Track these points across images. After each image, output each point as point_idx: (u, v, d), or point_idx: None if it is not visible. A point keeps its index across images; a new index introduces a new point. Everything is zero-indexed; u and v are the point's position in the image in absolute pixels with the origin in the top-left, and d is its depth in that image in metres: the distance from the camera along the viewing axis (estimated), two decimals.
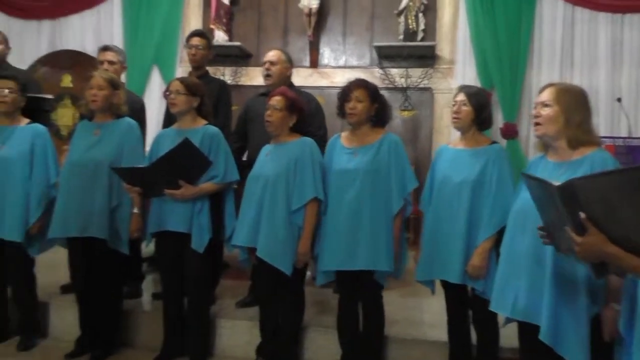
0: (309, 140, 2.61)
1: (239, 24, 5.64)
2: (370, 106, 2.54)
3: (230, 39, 5.52)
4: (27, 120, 2.98)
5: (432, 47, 5.06)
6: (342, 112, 2.59)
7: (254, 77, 5.58)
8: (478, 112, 2.41)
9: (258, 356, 2.74)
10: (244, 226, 2.56)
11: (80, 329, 2.86)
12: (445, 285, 2.46)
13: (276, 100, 2.59)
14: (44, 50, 5.89)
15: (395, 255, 2.48)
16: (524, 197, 1.81)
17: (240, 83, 5.49)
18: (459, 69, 5.10)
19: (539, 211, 1.59)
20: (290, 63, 3.23)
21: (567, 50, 4.91)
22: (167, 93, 2.72)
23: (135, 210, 2.73)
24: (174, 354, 2.79)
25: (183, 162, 2.53)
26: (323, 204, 2.54)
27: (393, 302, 2.57)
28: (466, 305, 2.47)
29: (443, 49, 5.17)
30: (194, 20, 5.75)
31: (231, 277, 3.58)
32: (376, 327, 2.59)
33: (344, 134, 2.66)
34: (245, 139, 3.21)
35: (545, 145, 1.97)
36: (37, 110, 3.19)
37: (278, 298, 2.65)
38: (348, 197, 2.47)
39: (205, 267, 2.69)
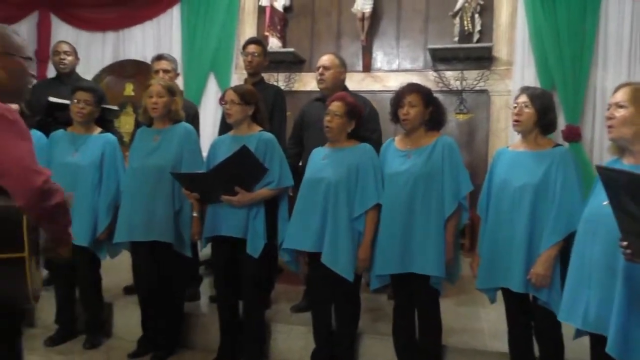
0: (369, 146, 2.61)
1: (293, 30, 5.70)
2: (424, 110, 2.51)
3: (284, 45, 5.59)
4: (99, 130, 3.12)
5: (489, 48, 4.93)
6: (395, 118, 2.57)
7: (307, 82, 5.63)
8: (541, 114, 2.32)
9: None
10: (306, 231, 2.55)
11: (142, 330, 2.95)
12: (506, 293, 2.38)
13: (336, 106, 2.59)
14: (108, 60, 6.19)
15: (448, 260, 2.43)
16: (595, 204, 1.73)
17: (293, 89, 5.54)
18: (517, 70, 4.94)
19: (615, 214, 1.50)
20: (344, 67, 3.23)
21: (636, 48, 4.65)
22: (223, 102, 2.77)
23: (195, 214, 2.80)
24: (230, 357, 2.83)
25: (240, 169, 2.57)
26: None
27: (448, 310, 2.51)
28: (528, 315, 2.38)
29: (500, 50, 5.03)
30: (248, 28, 5.86)
31: (285, 281, 3.60)
32: (433, 335, 2.53)
33: (397, 137, 2.63)
34: (302, 144, 3.23)
35: (620, 149, 1.86)
36: (102, 119, 3.34)
37: (332, 304, 2.65)
38: (400, 200, 2.44)
39: (260, 271, 2.72)
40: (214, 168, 2.61)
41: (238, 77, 5.93)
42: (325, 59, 3.16)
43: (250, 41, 3.53)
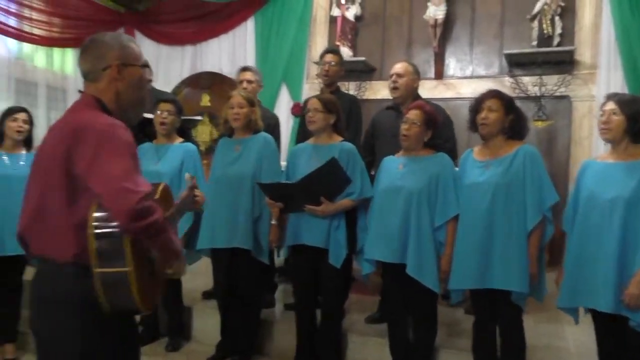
0: (447, 156, 2.58)
1: (363, 38, 5.71)
2: (503, 117, 2.43)
3: (355, 54, 5.60)
4: (180, 139, 3.26)
5: (571, 52, 4.70)
6: (473, 124, 2.50)
7: (378, 90, 5.61)
8: (632, 122, 2.18)
9: None
10: (387, 241, 2.53)
11: (221, 335, 3.04)
12: (595, 314, 2.24)
13: (414, 114, 2.57)
14: (186, 72, 6.47)
15: (532, 276, 2.32)
16: None
17: (364, 97, 5.53)
18: (602, 74, 4.67)
19: None
20: (417, 75, 3.20)
21: None
22: (306, 111, 2.80)
23: (274, 222, 2.86)
24: None
25: (326, 180, 2.60)
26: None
27: (528, 327, 2.40)
28: (620, 337, 2.23)
29: (583, 54, 4.78)
30: (319, 39, 5.93)
31: (357, 291, 3.59)
32: (516, 353, 2.42)
33: (476, 148, 2.56)
34: (373, 153, 3.22)
35: None
36: (181, 129, 3.49)
37: (409, 317, 2.61)
38: (479, 212, 2.37)
39: (340, 281, 2.75)
40: (303, 179, 2.64)
41: (309, 86, 6.02)
42: (399, 67, 3.14)
43: (327, 51, 3.59)
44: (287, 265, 4.01)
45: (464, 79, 5.29)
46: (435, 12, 5.06)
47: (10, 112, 3.11)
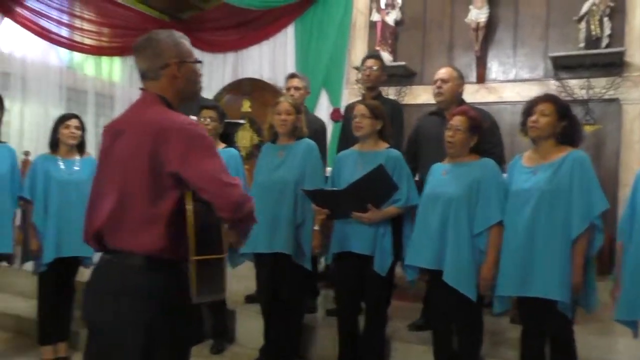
0: (491, 161, 2.53)
1: (403, 43, 5.69)
2: (555, 122, 2.36)
3: (395, 59, 5.59)
4: (223, 145, 3.33)
5: (621, 54, 4.55)
6: (524, 127, 2.45)
7: (418, 95, 5.57)
8: None
9: None
10: (426, 247, 2.52)
11: (264, 339, 3.07)
12: None
13: (459, 120, 2.54)
14: (228, 79, 6.61)
15: (576, 285, 2.24)
16: None
17: (404, 102, 5.50)
18: None
19: None
20: (462, 80, 3.15)
21: None
22: (352, 117, 2.81)
23: (316, 228, 2.87)
24: None
25: (374, 187, 2.60)
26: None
27: (578, 339, 2.32)
28: None
29: (634, 55, 4.62)
30: (359, 44, 5.94)
31: (399, 297, 3.56)
32: None
33: (526, 154, 2.51)
34: (416, 159, 3.20)
35: None
36: (224, 134, 3.56)
37: (454, 325, 2.57)
38: (522, 218, 2.32)
39: (384, 288, 2.74)
40: (349, 185, 2.64)
41: (349, 92, 6.03)
42: (443, 72, 3.11)
43: (369, 56, 3.59)
44: (328, 272, 4.03)
45: (506, 82, 5.20)
46: (478, 15, 5.00)
47: (63, 119, 3.23)
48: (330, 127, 5.87)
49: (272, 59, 6.52)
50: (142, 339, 1.48)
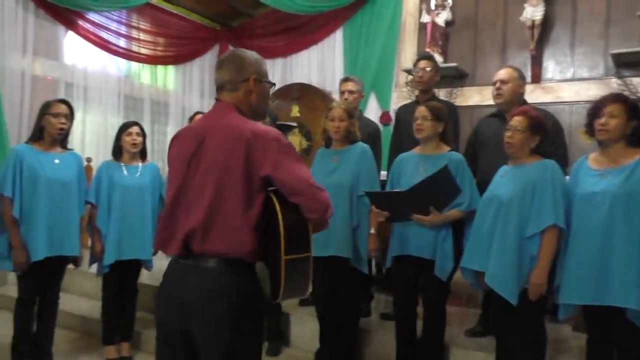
0: (550, 162, 2.42)
1: (454, 44, 5.60)
2: (625, 123, 2.26)
3: (445, 60, 5.51)
4: None
5: None
6: (590, 128, 2.36)
7: (469, 97, 5.47)
8: None
9: None
10: (478, 250, 2.47)
11: (319, 342, 3.08)
12: None
13: (518, 121, 2.47)
14: (276, 84, 6.66)
15: None
16: None
17: (454, 104, 5.42)
18: None
19: None
20: (523, 80, 3.06)
21: None
22: (413, 119, 2.78)
23: (372, 231, 2.86)
24: None
25: (437, 189, 2.56)
26: (564, 232, 2.32)
27: None
28: None
29: None
30: (409, 46, 5.89)
31: (453, 302, 3.48)
32: None
33: (592, 155, 2.41)
34: (475, 162, 3.14)
35: None
36: None
37: (514, 331, 2.50)
38: (594, 223, 2.22)
39: (445, 294, 2.70)
40: (413, 187, 2.61)
41: (398, 95, 5.99)
42: (503, 73, 3.03)
43: (421, 57, 3.55)
44: (380, 276, 4.00)
45: (563, 82, 5.03)
46: (533, 13, 4.86)
47: (125, 127, 3.36)
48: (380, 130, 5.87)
49: (321, 63, 6.56)
50: (228, 338, 1.55)
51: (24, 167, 2.87)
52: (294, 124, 4.26)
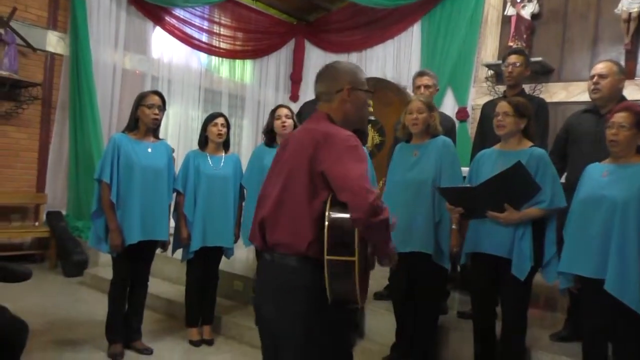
0: None
1: (541, 37, 5.37)
2: None
3: (530, 55, 5.28)
4: None
5: None
6: None
7: (554, 93, 5.24)
8: None
9: None
10: (581, 254, 2.35)
11: (396, 337, 3.06)
12: None
13: (622, 117, 2.33)
14: None
15: None
16: None
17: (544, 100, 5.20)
18: None
19: None
20: (623, 75, 2.88)
21: None
22: (494, 114, 2.71)
23: (454, 227, 2.81)
24: None
25: (512, 186, 2.47)
26: None
27: None
28: None
29: None
30: (490, 40, 5.72)
31: (531, 305, 3.36)
32: None
33: None
34: (565, 160, 3.00)
35: None
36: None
37: (611, 336, 2.37)
38: None
39: (524, 294, 2.59)
40: (485, 182, 2.53)
41: (476, 90, 5.83)
42: (602, 67, 2.87)
43: (512, 51, 3.43)
44: (455, 274, 3.92)
45: None
46: (630, 4, 4.58)
47: (211, 117, 3.48)
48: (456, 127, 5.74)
49: (397, 57, 6.51)
50: (303, 329, 1.62)
51: (121, 155, 3.03)
52: (372, 117, 4.24)
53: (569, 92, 5.14)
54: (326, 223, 1.54)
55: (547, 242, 2.60)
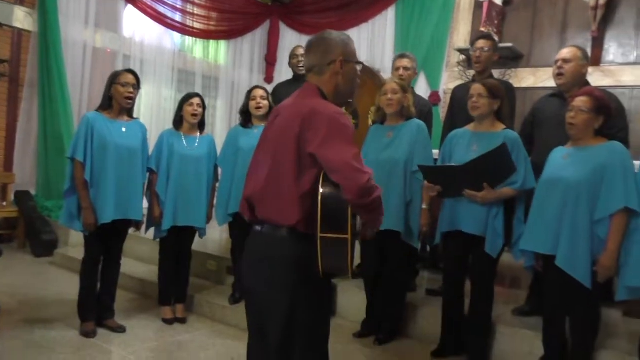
0: (619, 145, 2.39)
1: (511, 24, 5.48)
2: None
3: (500, 41, 5.39)
4: None
5: None
6: None
7: (523, 79, 5.37)
8: None
9: None
10: (541, 232, 2.47)
11: (366, 314, 3.16)
12: None
13: (582, 101, 2.43)
14: None
15: None
16: None
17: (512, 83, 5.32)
18: None
19: None
20: (586, 60, 2.99)
21: None
22: (469, 97, 2.77)
23: (424, 206, 2.89)
24: (450, 351, 2.87)
25: (492, 166, 2.55)
26: (635, 215, 2.28)
27: None
28: None
29: None
30: (462, 25, 5.80)
31: (497, 284, 3.48)
32: None
33: None
34: (531, 142, 3.10)
35: None
36: None
37: (567, 312, 2.50)
38: None
39: (493, 272, 2.71)
40: (469, 162, 2.60)
41: (449, 75, 5.93)
42: (566, 52, 2.96)
43: (480, 36, 3.51)
44: (425, 254, 4.04)
45: (626, 65, 4.88)
46: None
47: (187, 97, 3.47)
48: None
49: (371, 41, 6.54)
50: (289, 299, 1.64)
51: (95, 133, 3.00)
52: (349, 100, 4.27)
53: (537, 78, 5.27)
54: (319, 201, 1.56)
55: (516, 221, 2.71)
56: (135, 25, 6.02)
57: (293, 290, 1.64)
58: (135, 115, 3.31)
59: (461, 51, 5.60)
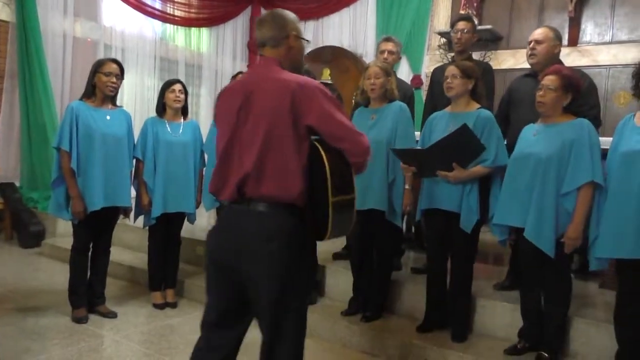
0: (585, 121, 2.48)
1: (490, 6, 5.56)
2: None
3: (480, 22, 5.47)
4: None
5: None
6: (638, 89, 2.36)
7: (503, 60, 5.46)
8: None
9: (520, 339, 2.73)
10: (513, 206, 2.56)
11: (353, 292, 3.24)
12: None
13: (550, 80, 2.51)
14: (308, 47, 6.70)
15: None
16: None
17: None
18: None
19: None
20: (559, 41, 3.06)
21: None
22: (444, 78, 2.84)
23: (407, 187, 2.97)
24: (434, 326, 2.97)
25: (459, 147, 2.63)
26: (601, 188, 2.39)
27: None
28: None
29: None
30: (442, 9, 5.86)
31: (480, 260, 3.56)
32: None
33: (639, 113, 2.42)
34: (508, 121, 3.19)
35: None
36: None
37: (541, 283, 2.61)
38: (637, 181, 2.26)
39: (471, 246, 2.80)
40: (434, 145, 2.70)
41: (430, 58, 5.99)
42: (538, 33, 3.04)
43: (460, 18, 3.56)
44: (409, 234, 4.14)
45: (602, 44, 4.98)
46: None
47: (168, 84, 3.49)
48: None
49: (353, 26, 6.58)
50: (283, 275, 1.67)
51: (80, 123, 3.03)
52: (329, 81, 4.33)
53: (516, 59, 5.37)
54: (328, 169, 1.63)
55: (492, 198, 2.79)
56: (115, 14, 5.98)
57: (287, 265, 1.67)
58: (118, 104, 3.33)
59: (442, 34, 5.67)
